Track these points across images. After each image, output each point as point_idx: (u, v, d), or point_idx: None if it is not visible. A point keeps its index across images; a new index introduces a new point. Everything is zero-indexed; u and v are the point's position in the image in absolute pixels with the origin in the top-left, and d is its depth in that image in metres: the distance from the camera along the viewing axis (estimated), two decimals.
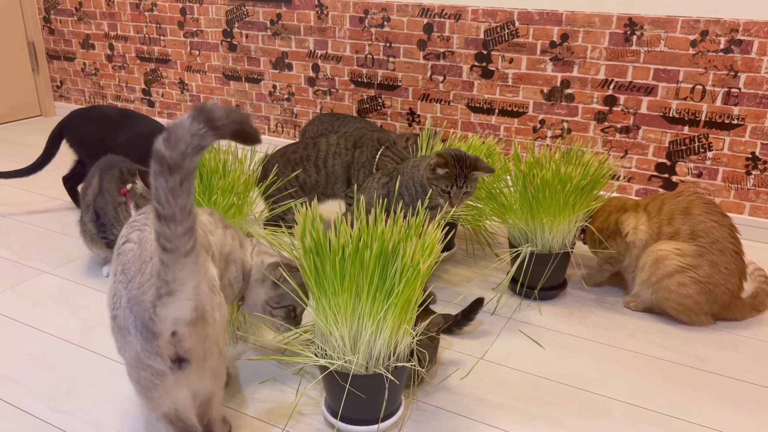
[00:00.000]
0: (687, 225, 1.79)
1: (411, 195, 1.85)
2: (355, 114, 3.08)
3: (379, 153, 2.17)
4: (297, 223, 1.41)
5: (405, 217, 1.55)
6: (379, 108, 3.02)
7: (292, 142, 2.98)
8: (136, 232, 1.22)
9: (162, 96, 3.64)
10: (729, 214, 2.43)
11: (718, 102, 2.35)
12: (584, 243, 2.05)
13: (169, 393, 1.15)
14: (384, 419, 1.38)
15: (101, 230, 1.97)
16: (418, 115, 2.93)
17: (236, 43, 3.28)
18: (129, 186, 1.86)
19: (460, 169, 1.75)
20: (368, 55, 2.96)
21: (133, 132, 2.21)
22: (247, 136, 1.02)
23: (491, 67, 2.71)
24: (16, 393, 1.51)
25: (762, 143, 2.33)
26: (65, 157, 2.51)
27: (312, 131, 2.78)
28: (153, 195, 0.98)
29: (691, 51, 2.34)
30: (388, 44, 2.90)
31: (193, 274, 1.07)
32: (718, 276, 1.76)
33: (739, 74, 2.29)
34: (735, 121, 2.34)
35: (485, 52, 2.70)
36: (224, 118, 0.97)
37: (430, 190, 1.79)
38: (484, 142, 2.25)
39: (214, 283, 1.22)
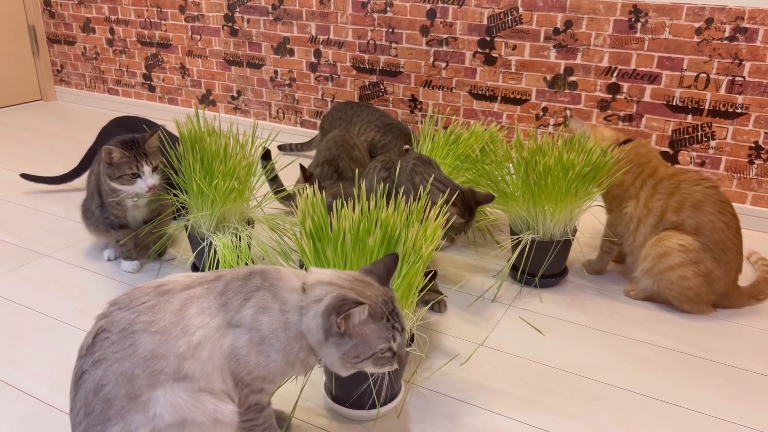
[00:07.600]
0: (694, 219, 1.78)
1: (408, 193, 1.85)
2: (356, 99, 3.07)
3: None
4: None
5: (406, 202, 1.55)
6: (381, 94, 3.01)
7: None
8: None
9: (163, 81, 3.62)
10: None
11: (722, 90, 2.34)
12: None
13: None
14: (384, 403, 1.38)
15: (104, 211, 1.97)
16: (420, 102, 2.92)
17: (238, 27, 3.26)
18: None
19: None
20: (370, 41, 2.94)
21: None
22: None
23: (494, 54, 2.69)
24: (16, 375, 1.52)
25: (765, 132, 2.31)
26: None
27: (328, 121, 2.79)
28: None
29: (696, 39, 2.32)
30: (390, 30, 2.88)
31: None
32: (718, 271, 1.77)
33: (743, 62, 2.27)
34: (739, 110, 2.33)
35: (488, 39, 2.69)
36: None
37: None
38: (486, 129, 2.25)
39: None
